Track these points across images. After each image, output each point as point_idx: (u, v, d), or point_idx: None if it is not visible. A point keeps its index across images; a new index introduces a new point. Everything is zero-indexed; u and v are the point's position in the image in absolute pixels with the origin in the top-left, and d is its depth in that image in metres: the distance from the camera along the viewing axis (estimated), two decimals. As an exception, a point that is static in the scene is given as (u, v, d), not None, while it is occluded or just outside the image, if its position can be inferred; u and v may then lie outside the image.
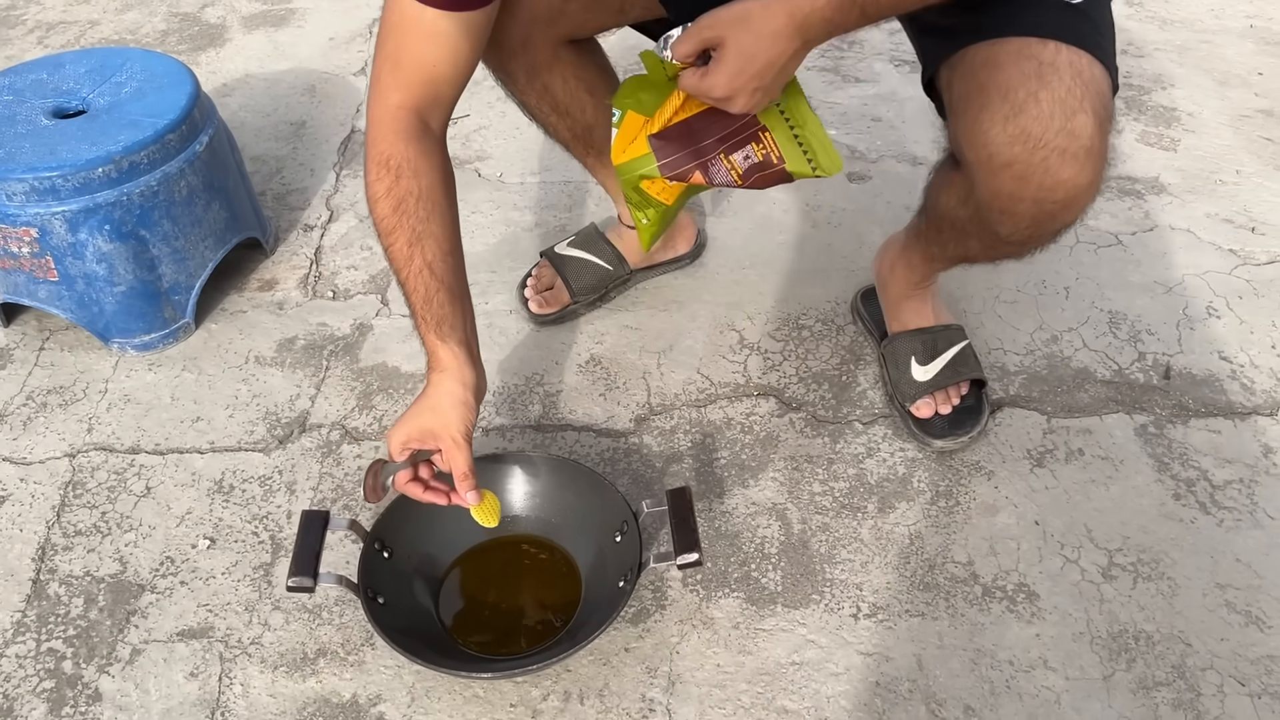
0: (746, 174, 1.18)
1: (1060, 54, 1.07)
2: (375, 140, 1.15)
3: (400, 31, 1.12)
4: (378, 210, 1.15)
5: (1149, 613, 1.24)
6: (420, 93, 1.15)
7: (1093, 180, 1.09)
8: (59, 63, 1.68)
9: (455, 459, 1.14)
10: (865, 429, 1.47)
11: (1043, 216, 1.12)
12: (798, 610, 1.26)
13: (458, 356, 1.15)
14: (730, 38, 1.02)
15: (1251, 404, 1.49)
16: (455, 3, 1.09)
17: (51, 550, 1.36)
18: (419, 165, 1.15)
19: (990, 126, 1.08)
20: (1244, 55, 2.29)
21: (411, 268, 1.15)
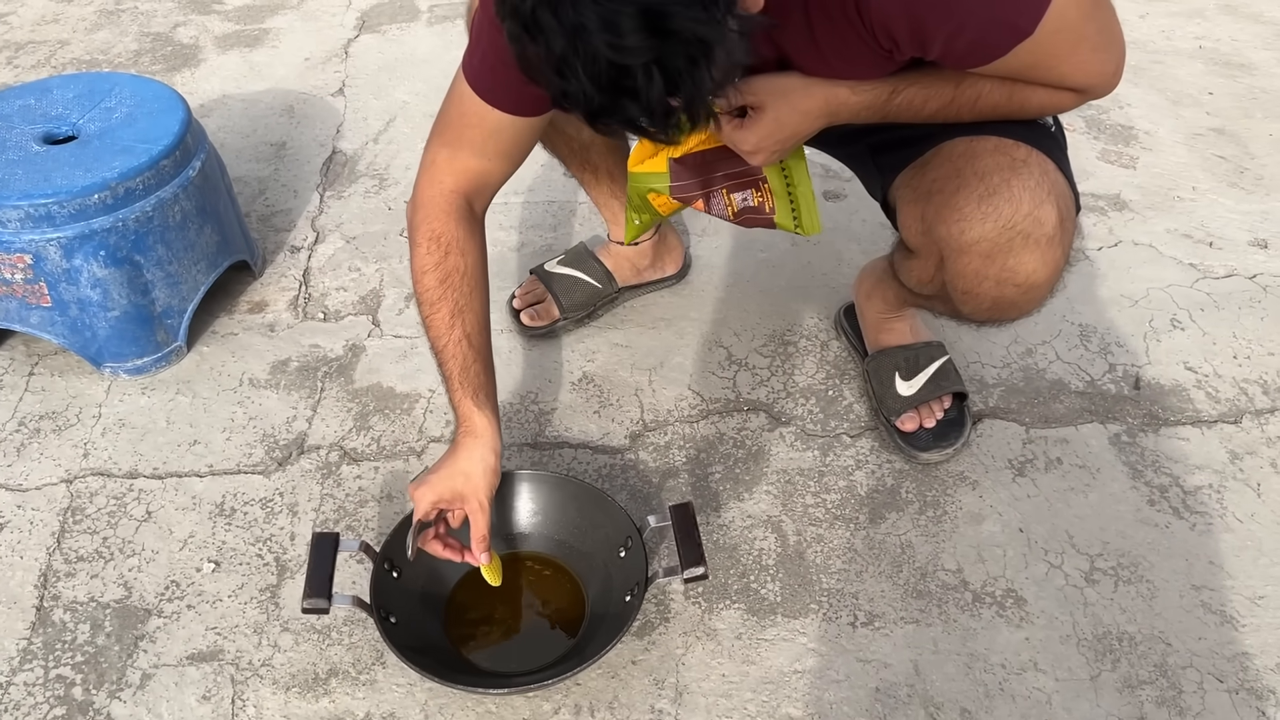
0: (740, 213, 1.32)
1: (1032, 155, 1.18)
2: (427, 218, 1.23)
3: (461, 122, 1.20)
4: (424, 282, 1.23)
5: (1130, 615, 1.30)
6: (472, 180, 1.24)
7: (1051, 275, 1.19)
8: (46, 88, 1.68)
9: (478, 522, 1.21)
10: (853, 442, 1.52)
11: (1003, 301, 1.21)
12: (797, 620, 1.30)
13: (491, 424, 1.22)
14: (770, 105, 1.14)
15: (1217, 412, 1.56)
16: (519, 107, 1.18)
17: (54, 577, 1.36)
18: (466, 244, 1.23)
19: (965, 203, 1.17)
20: (1195, 75, 2.38)
21: (451, 337, 1.22)
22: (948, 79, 1.16)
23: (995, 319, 1.29)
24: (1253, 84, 2.34)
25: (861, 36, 1.06)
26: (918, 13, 1.00)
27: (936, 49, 1.05)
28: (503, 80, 1.15)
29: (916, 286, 1.34)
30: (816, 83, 1.15)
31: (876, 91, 1.16)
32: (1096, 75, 1.14)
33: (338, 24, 2.64)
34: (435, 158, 1.24)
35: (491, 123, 1.19)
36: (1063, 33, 1.05)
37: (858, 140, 1.34)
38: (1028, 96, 1.16)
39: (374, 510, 1.43)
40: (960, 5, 1.00)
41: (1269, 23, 2.57)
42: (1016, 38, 1.03)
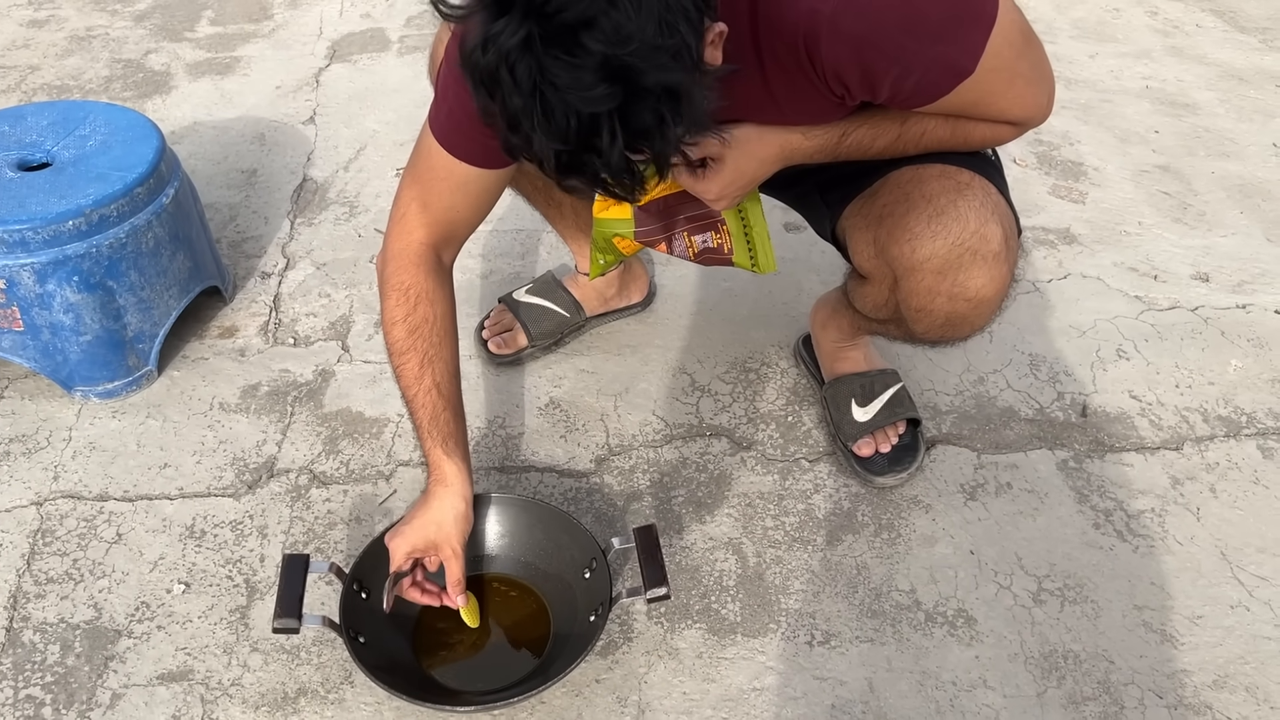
0: (700, 254, 1.39)
1: (975, 179, 1.25)
2: (397, 270, 1.26)
3: (431, 177, 1.23)
4: (394, 333, 1.26)
5: (1076, 634, 1.35)
6: (441, 231, 1.28)
7: (998, 290, 1.25)
8: (19, 115, 1.70)
9: (452, 568, 1.25)
10: (811, 466, 1.57)
11: (955, 317, 1.27)
12: (757, 639, 1.34)
13: (461, 473, 1.25)
14: (729, 157, 1.21)
15: (1160, 439, 1.62)
16: (486, 160, 1.21)
17: (24, 598, 1.37)
18: (435, 295, 1.27)
19: (915, 224, 1.23)
20: (1142, 114, 2.48)
21: (421, 386, 1.26)
22: (894, 118, 1.22)
23: (947, 337, 1.33)
24: (1196, 123, 2.44)
25: (814, 84, 1.11)
26: (866, 59, 1.06)
27: (885, 92, 1.10)
28: (469, 135, 1.18)
29: (871, 311, 1.39)
30: (771, 130, 1.21)
31: (828, 135, 1.22)
32: (1032, 108, 1.21)
33: (309, 53, 2.68)
34: (405, 211, 1.26)
35: (459, 176, 1.22)
36: (999, 70, 1.11)
37: (804, 180, 1.39)
38: (970, 131, 1.23)
39: (343, 533, 1.46)
40: (905, 49, 1.05)
41: (1213, 64, 2.68)
42: (958, 77, 1.09)
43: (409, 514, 1.26)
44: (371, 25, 2.82)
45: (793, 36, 1.05)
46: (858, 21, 1.02)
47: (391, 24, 2.82)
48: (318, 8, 2.90)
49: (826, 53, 1.04)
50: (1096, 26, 2.87)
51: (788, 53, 1.07)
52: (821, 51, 1.04)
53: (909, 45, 1.05)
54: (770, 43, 1.07)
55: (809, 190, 1.42)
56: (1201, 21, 2.90)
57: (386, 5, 2.92)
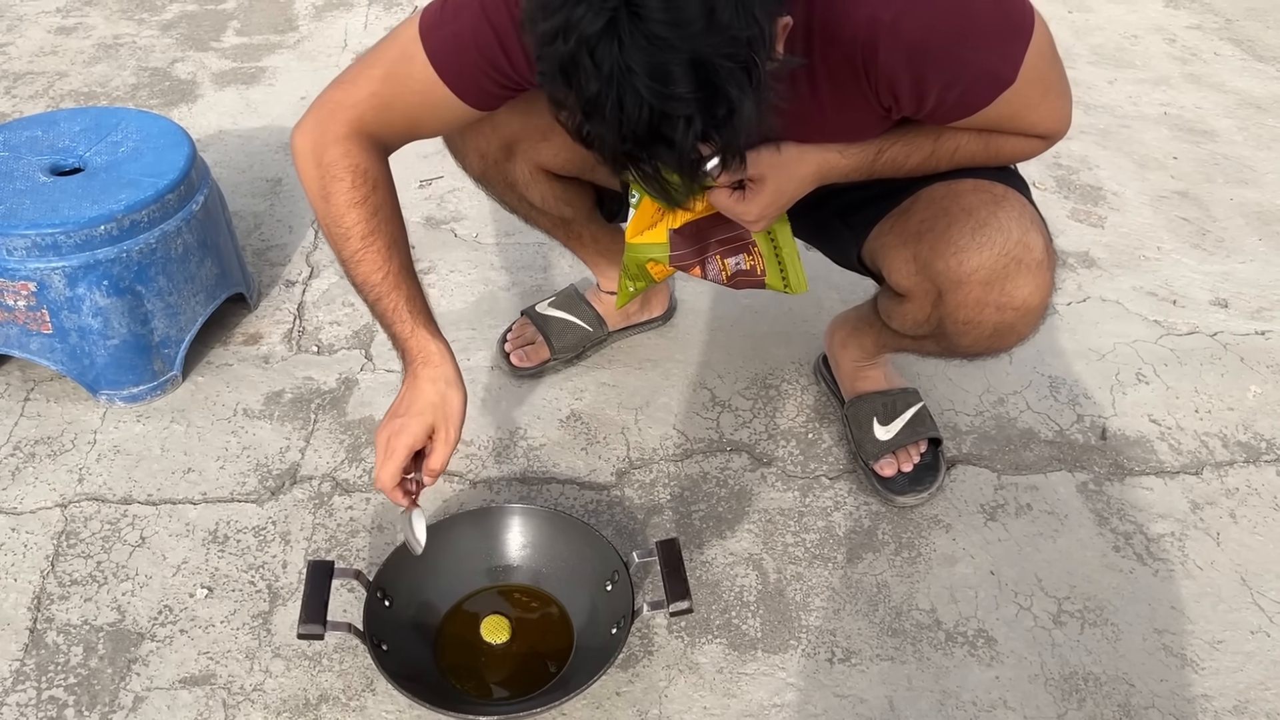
0: (733, 276, 1.40)
1: (1008, 191, 1.27)
2: (350, 151, 1.17)
3: (405, 85, 1.16)
4: (350, 215, 1.18)
5: (1096, 656, 1.35)
6: (393, 134, 1.22)
7: (1044, 298, 1.27)
8: (52, 120, 1.72)
9: (441, 453, 1.20)
10: (832, 484, 1.58)
11: (1003, 326, 1.27)
12: (777, 655, 1.34)
13: (446, 351, 1.22)
14: (770, 177, 1.21)
15: (1179, 463, 1.63)
16: (473, 98, 1.17)
17: (47, 599, 1.38)
18: (389, 183, 1.23)
19: (958, 237, 1.24)
20: (1160, 140, 2.49)
21: (390, 269, 1.21)
22: (927, 135, 1.23)
23: (993, 348, 1.33)
24: (1214, 150, 2.45)
25: (864, 94, 1.12)
26: (919, 69, 1.07)
27: (930, 102, 1.11)
28: (468, 64, 1.13)
29: (911, 329, 1.38)
30: (809, 150, 1.22)
31: (864, 153, 1.23)
32: (1061, 120, 1.23)
33: (333, 64, 2.70)
34: (360, 99, 1.17)
35: (436, 97, 1.16)
36: (1034, 82, 1.13)
37: (822, 207, 1.39)
38: (1001, 145, 1.24)
39: (365, 540, 1.47)
40: (957, 59, 1.07)
41: (1231, 92, 2.69)
42: (1000, 88, 1.11)
43: (400, 404, 1.20)
44: (395, 38, 2.84)
45: (850, 44, 1.05)
46: (916, 30, 1.03)
47: (415, 37, 2.84)
48: (342, 20, 2.93)
49: (884, 61, 1.05)
50: (1115, 53, 2.88)
51: (843, 61, 1.07)
52: (879, 60, 1.05)
53: (961, 55, 1.07)
54: (825, 51, 1.07)
55: (827, 217, 1.42)
56: (1220, 50, 2.91)
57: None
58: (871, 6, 1.03)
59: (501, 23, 1.10)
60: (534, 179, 1.49)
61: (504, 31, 1.10)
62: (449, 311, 1.88)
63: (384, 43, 1.20)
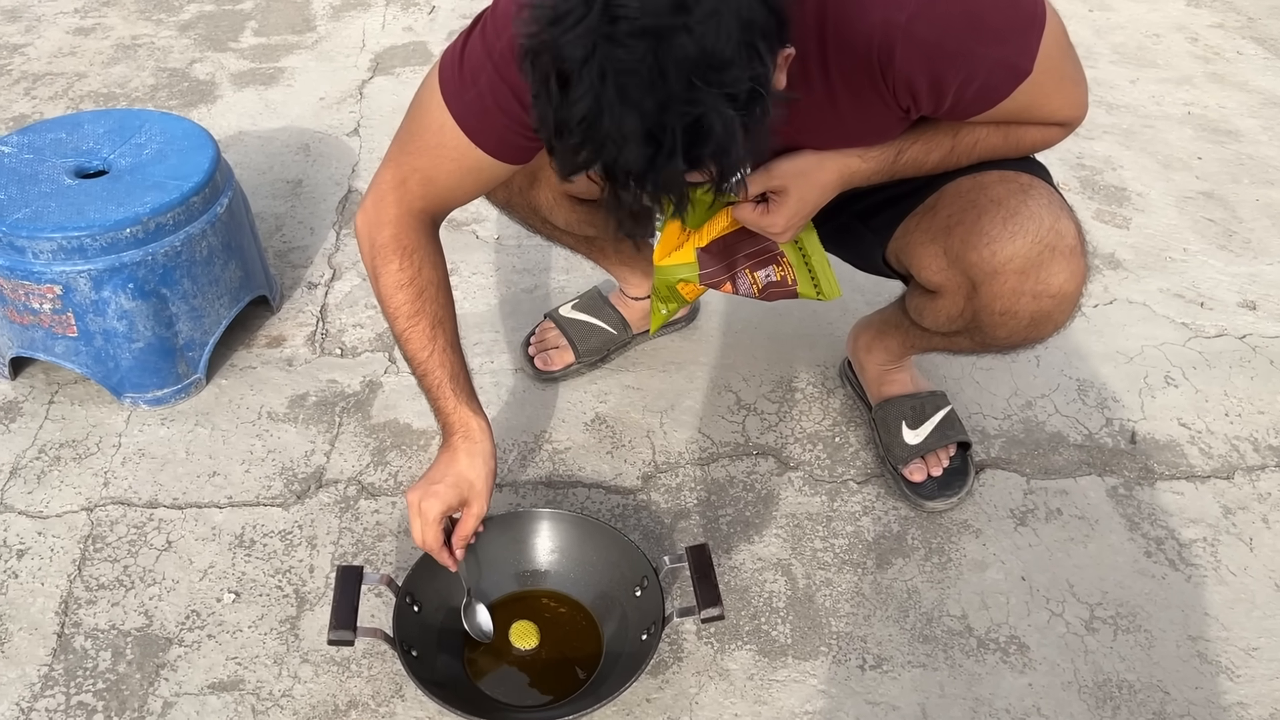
0: (765, 289, 1.38)
1: (1036, 181, 1.26)
2: (399, 235, 1.24)
3: (440, 154, 1.21)
4: (399, 297, 1.24)
5: (1129, 663, 1.34)
6: (440, 204, 1.27)
7: (1079, 285, 1.26)
8: (76, 122, 1.72)
9: (468, 525, 1.25)
10: (860, 488, 1.56)
11: (1040, 315, 1.25)
12: (807, 662, 1.33)
13: (486, 427, 1.27)
14: (793, 187, 1.21)
15: (1210, 468, 1.61)
16: (506, 154, 1.19)
17: (75, 604, 1.38)
18: (436, 259, 1.27)
19: (990, 227, 1.23)
20: (1184, 140, 2.47)
21: (436, 347, 1.26)
22: (946, 131, 1.22)
23: (1030, 338, 1.31)
24: (1240, 150, 2.43)
25: (884, 98, 1.11)
26: (936, 68, 1.06)
27: (949, 99, 1.10)
28: (495, 125, 1.15)
29: (944, 325, 1.37)
30: (829, 156, 1.21)
31: (884, 155, 1.22)
32: (1079, 107, 1.22)
33: (352, 65, 2.70)
34: (406, 177, 1.23)
35: (472, 161, 1.19)
36: (1050, 72, 1.12)
37: (841, 212, 1.37)
38: (1021, 136, 1.24)
39: (392, 545, 1.46)
40: (973, 55, 1.06)
41: (1255, 92, 2.67)
42: (1018, 79, 1.10)
43: (436, 471, 1.24)
44: (414, 39, 2.83)
45: (866, 50, 1.05)
46: (931, 30, 1.03)
47: (433, 37, 2.84)
48: (360, 20, 2.92)
49: (900, 62, 1.04)
50: (1137, 52, 2.86)
51: (859, 67, 1.07)
52: (895, 61, 1.04)
53: (976, 50, 1.06)
54: (839, 59, 1.07)
55: (848, 221, 1.41)
56: (1242, 49, 2.89)
57: (428, 19, 2.94)
58: (885, 9, 1.02)
59: (515, 78, 1.11)
60: (558, 204, 1.49)
61: (519, 87, 1.11)
62: (471, 314, 1.87)
63: (414, 114, 1.22)
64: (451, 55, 1.17)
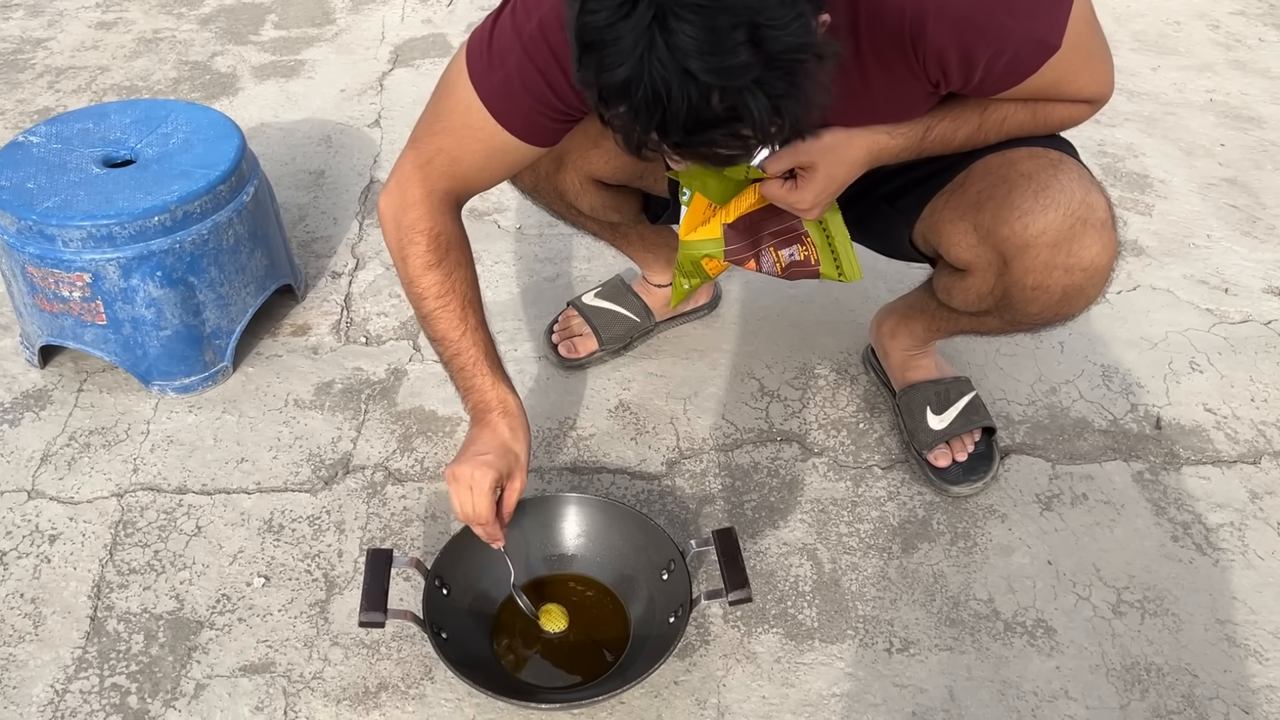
0: (788, 268, 1.38)
1: (1064, 157, 1.27)
2: (425, 216, 1.24)
3: (467, 135, 1.21)
4: (428, 278, 1.25)
5: (1157, 646, 1.33)
6: (466, 186, 1.27)
7: (1110, 259, 1.25)
8: (103, 113, 1.73)
9: (513, 498, 1.25)
10: (884, 474, 1.57)
11: (1072, 289, 1.25)
12: (834, 645, 1.33)
13: (519, 403, 1.28)
14: (821, 163, 1.20)
15: (1236, 453, 1.61)
16: (533, 136, 1.20)
17: (107, 588, 1.39)
18: (463, 240, 1.28)
19: (1021, 200, 1.22)
20: (1206, 127, 2.45)
21: (468, 326, 1.27)
22: (974, 108, 1.22)
23: (1061, 313, 1.31)
24: (1263, 137, 2.41)
25: (914, 72, 1.11)
26: (968, 40, 1.06)
27: (979, 74, 1.10)
28: (522, 107, 1.16)
29: (974, 305, 1.37)
30: (857, 133, 1.21)
31: (912, 132, 1.22)
32: (1106, 84, 1.22)
33: (372, 57, 2.71)
34: (432, 158, 1.23)
35: (499, 143, 1.19)
36: (1078, 47, 1.12)
37: (866, 195, 1.37)
38: (1049, 113, 1.24)
39: (419, 530, 1.47)
40: (1003, 28, 1.07)
41: (1277, 78, 2.65)
42: (1046, 54, 1.10)
43: (480, 444, 1.24)
44: (433, 30, 2.84)
45: (898, 23, 1.05)
46: (962, 3, 1.03)
47: (453, 29, 2.84)
48: (379, 13, 2.93)
49: (932, 35, 1.05)
50: (1157, 39, 2.85)
51: (890, 41, 1.07)
52: (927, 34, 1.05)
53: (1006, 24, 1.06)
54: (871, 32, 1.07)
55: (874, 204, 1.41)
56: (1264, 35, 2.87)
57: (447, 11, 2.95)
58: None
59: (544, 60, 1.12)
60: (583, 189, 1.49)
61: (548, 69, 1.12)
62: (494, 302, 1.88)
63: (440, 95, 1.22)
64: (479, 37, 1.17)
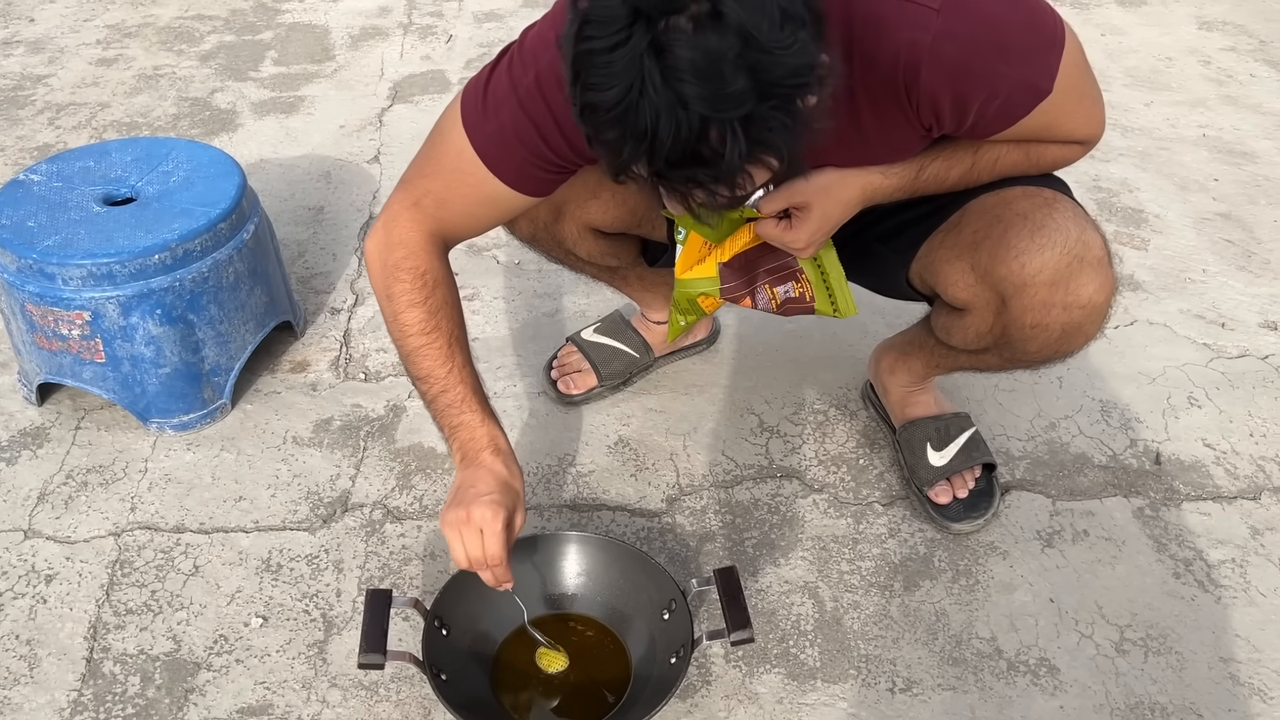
0: (783, 304, 1.39)
1: (1058, 195, 1.28)
2: (409, 255, 1.23)
3: (457, 180, 1.21)
4: (411, 315, 1.23)
5: (1161, 685, 1.33)
6: (451, 230, 1.27)
7: (1108, 296, 1.26)
8: (104, 150, 1.74)
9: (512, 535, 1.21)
10: (885, 510, 1.56)
11: (1070, 327, 1.25)
12: (837, 685, 1.32)
13: (508, 442, 1.26)
14: (816, 203, 1.22)
15: (1236, 488, 1.60)
16: (524, 186, 1.20)
17: (103, 629, 1.38)
18: (449, 281, 1.27)
19: (1018, 240, 1.23)
20: (1200, 162, 2.47)
21: (455, 363, 1.25)
22: (966, 149, 1.23)
23: (1061, 351, 1.31)
24: (1256, 171, 2.43)
25: (907, 117, 1.12)
26: (960, 87, 1.08)
27: (971, 118, 1.12)
28: (515, 157, 1.17)
29: (972, 343, 1.37)
30: (851, 173, 1.22)
31: (905, 172, 1.23)
32: (1098, 125, 1.24)
33: (371, 93, 2.72)
34: (420, 199, 1.23)
35: (489, 189, 1.20)
36: (1069, 91, 1.14)
37: (860, 236, 1.38)
38: (1041, 153, 1.25)
39: (418, 568, 1.46)
40: (996, 74, 1.08)
41: (1269, 114, 2.67)
42: (1037, 98, 1.11)
43: (479, 485, 1.19)
44: (432, 67, 2.86)
45: (891, 68, 1.06)
46: (956, 49, 1.04)
47: (451, 66, 2.87)
48: (379, 49, 2.96)
49: (926, 81, 1.06)
50: (1150, 75, 2.87)
51: (884, 86, 1.08)
52: (921, 81, 1.06)
53: (999, 70, 1.08)
54: (865, 78, 1.08)
55: (868, 244, 1.42)
56: (1255, 71, 2.90)
57: (446, 48, 2.97)
58: (911, 29, 1.04)
59: (539, 113, 1.13)
60: (582, 237, 1.50)
61: (542, 122, 1.13)
62: (493, 338, 1.88)
63: (433, 140, 1.23)
64: (475, 87, 1.19)
